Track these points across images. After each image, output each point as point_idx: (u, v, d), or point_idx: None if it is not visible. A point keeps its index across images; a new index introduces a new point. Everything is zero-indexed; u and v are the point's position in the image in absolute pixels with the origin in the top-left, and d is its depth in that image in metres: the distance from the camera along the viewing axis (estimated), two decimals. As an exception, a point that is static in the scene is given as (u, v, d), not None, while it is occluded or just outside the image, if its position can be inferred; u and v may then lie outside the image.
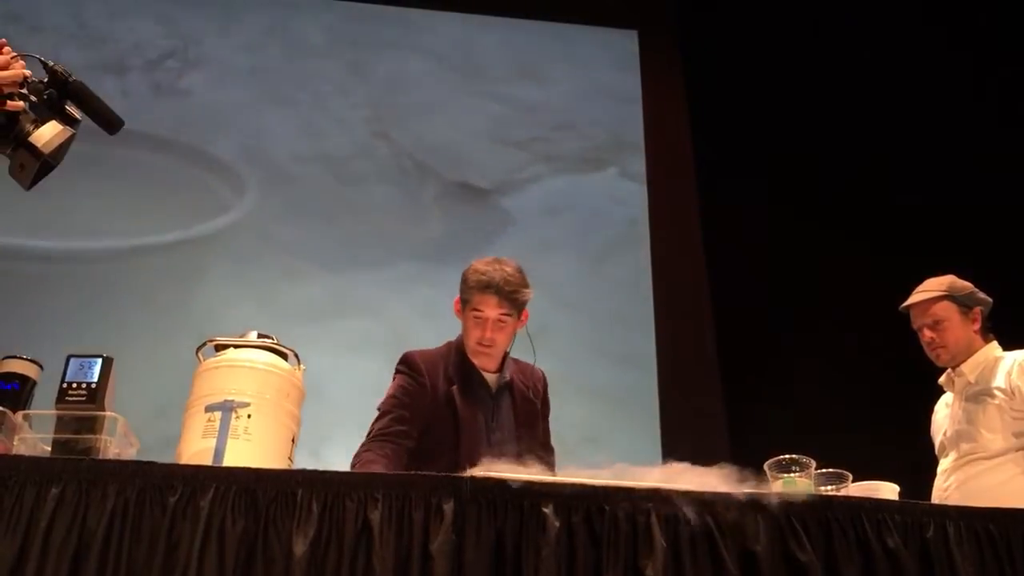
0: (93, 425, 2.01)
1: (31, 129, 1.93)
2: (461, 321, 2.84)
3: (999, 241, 5.00)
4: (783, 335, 5.09)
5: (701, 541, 1.86)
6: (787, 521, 1.90)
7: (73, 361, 2.08)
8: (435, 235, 5.40)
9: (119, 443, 2.03)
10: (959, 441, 3.08)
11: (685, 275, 5.50)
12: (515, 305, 2.74)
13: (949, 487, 3.06)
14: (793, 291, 5.18)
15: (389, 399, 2.76)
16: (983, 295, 3.19)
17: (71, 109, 2.00)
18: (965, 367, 3.13)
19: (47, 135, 1.94)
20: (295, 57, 5.85)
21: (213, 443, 2.00)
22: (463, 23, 6.13)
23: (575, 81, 6.06)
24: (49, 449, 2.01)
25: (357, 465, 2.61)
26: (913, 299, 3.21)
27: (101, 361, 2.09)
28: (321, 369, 4.38)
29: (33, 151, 1.93)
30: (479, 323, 2.74)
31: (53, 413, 2.04)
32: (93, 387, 2.05)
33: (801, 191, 5.44)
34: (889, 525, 1.93)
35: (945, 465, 3.14)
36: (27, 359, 2.19)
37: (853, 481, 2.23)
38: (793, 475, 2.16)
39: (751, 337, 5.18)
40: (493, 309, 2.72)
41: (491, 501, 1.84)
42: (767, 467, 2.21)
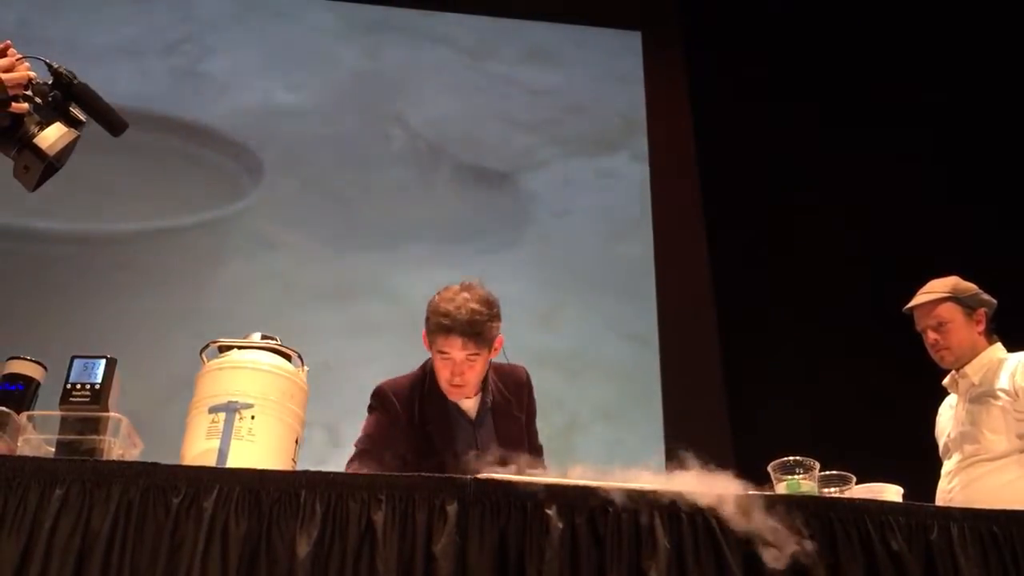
0: (97, 426, 2.01)
1: (36, 131, 1.94)
2: (432, 358, 2.66)
3: (1004, 243, 4.99)
4: (786, 336, 5.09)
5: (704, 543, 1.86)
6: (791, 523, 1.90)
7: (77, 362, 2.09)
8: (449, 216, 5.44)
9: (123, 444, 2.03)
10: (963, 443, 3.07)
11: (689, 281, 5.50)
12: (482, 342, 2.55)
13: (953, 489, 3.06)
14: (797, 289, 5.17)
15: (363, 439, 2.65)
16: (987, 296, 3.18)
17: (75, 111, 2.01)
18: (969, 369, 3.12)
19: (52, 137, 1.94)
20: (310, 41, 5.91)
21: (217, 444, 2.00)
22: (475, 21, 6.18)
23: (584, 67, 6.12)
24: (53, 450, 2.01)
25: None
26: (917, 300, 3.21)
27: (105, 362, 2.09)
28: (335, 349, 4.54)
29: (38, 153, 1.93)
30: (447, 363, 2.58)
31: (57, 414, 2.04)
32: (97, 388, 2.05)
33: (803, 191, 5.44)
34: (893, 527, 1.93)
35: (949, 467, 3.13)
36: (31, 360, 2.19)
37: (857, 483, 2.23)
38: (797, 477, 2.15)
39: (753, 338, 5.17)
40: (459, 351, 2.54)
41: (494, 503, 1.84)
42: (771, 469, 2.21)
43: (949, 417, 3.21)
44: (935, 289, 3.19)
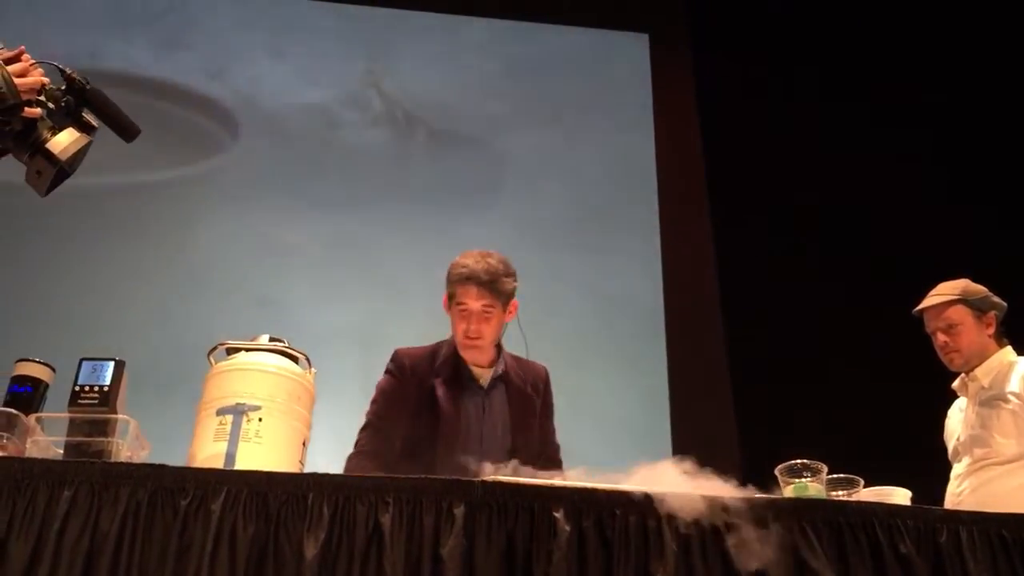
0: (105, 428, 2.02)
1: (48, 136, 1.94)
2: (451, 321, 2.82)
3: (1012, 245, 4.98)
4: (794, 339, 5.08)
5: (712, 546, 1.85)
6: (799, 526, 1.89)
7: (85, 364, 2.09)
8: (425, 179, 5.53)
9: (131, 446, 2.04)
10: (973, 446, 3.06)
11: (695, 282, 5.50)
12: (498, 295, 2.71)
13: (962, 492, 3.04)
14: (804, 288, 5.16)
15: (371, 409, 2.78)
16: (997, 299, 3.17)
17: (88, 116, 2.01)
18: (979, 371, 3.11)
19: (64, 142, 1.95)
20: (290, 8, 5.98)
21: (224, 446, 2.00)
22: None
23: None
24: (62, 452, 2.01)
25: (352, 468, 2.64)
26: (926, 303, 3.20)
27: (113, 364, 2.10)
28: (314, 306, 4.61)
29: (50, 158, 1.93)
30: (464, 316, 2.73)
31: (66, 416, 2.05)
32: (105, 390, 2.06)
33: (810, 191, 5.43)
34: (901, 530, 1.92)
35: (959, 470, 3.12)
36: (40, 362, 2.20)
37: (865, 486, 2.22)
38: (805, 480, 2.15)
39: (761, 339, 5.16)
40: (475, 300, 2.70)
41: (502, 505, 1.84)
42: (779, 472, 2.20)
43: (958, 420, 3.20)
44: (945, 291, 3.18)
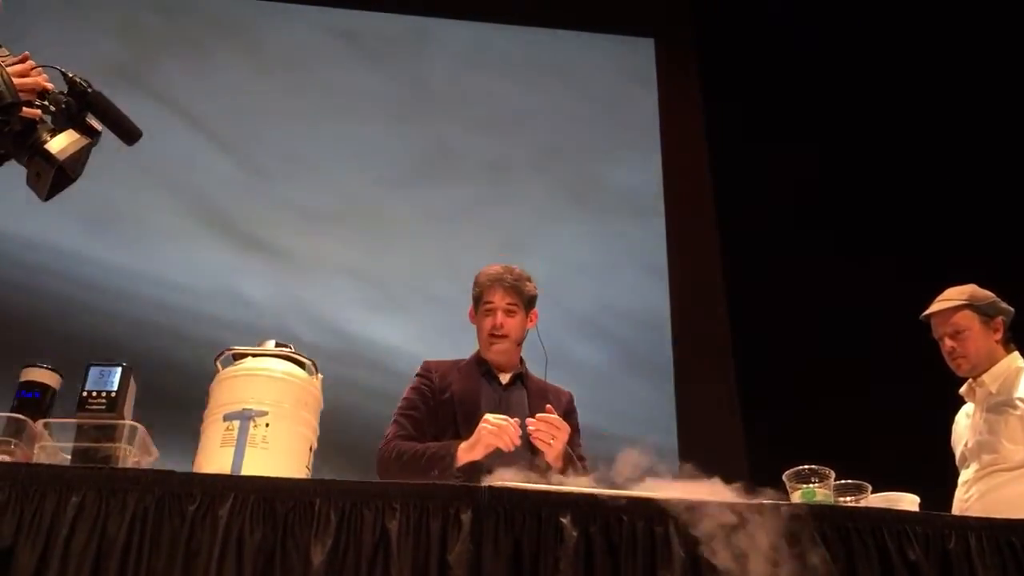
0: (113, 434, 2.02)
1: (47, 138, 1.94)
2: (476, 327, 2.97)
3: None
4: (801, 342, 5.07)
5: (720, 552, 1.84)
6: (806, 532, 1.89)
7: (93, 370, 2.10)
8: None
9: (138, 452, 2.04)
10: (980, 452, 3.05)
11: (702, 284, 5.49)
12: (521, 296, 2.92)
13: (970, 498, 3.03)
14: (811, 293, 5.15)
15: (400, 405, 2.90)
16: (1005, 304, 3.16)
17: (91, 120, 2.01)
18: (986, 377, 3.10)
19: (62, 143, 1.94)
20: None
21: (231, 452, 2.01)
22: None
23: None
24: (69, 458, 2.02)
25: (391, 455, 2.72)
26: (933, 308, 3.19)
27: (121, 370, 2.11)
28: None
29: (48, 158, 1.92)
30: (490, 313, 2.92)
31: (73, 422, 2.05)
32: (113, 396, 2.06)
33: (819, 195, 5.42)
34: (910, 536, 1.92)
35: (966, 476, 3.11)
36: (47, 368, 2.20)
37: (872, 492, 2.21)
38: (812, 486, 2.14)
39: (768, 344, 5.16)
40: (501, 298, 2.91)
41: (509, 511, 1.84)
42: (786, 477, 2.19)
43: (966, 426, 3.19)
44: (952, 297, 3.17)
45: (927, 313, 3.20)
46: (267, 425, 2.05)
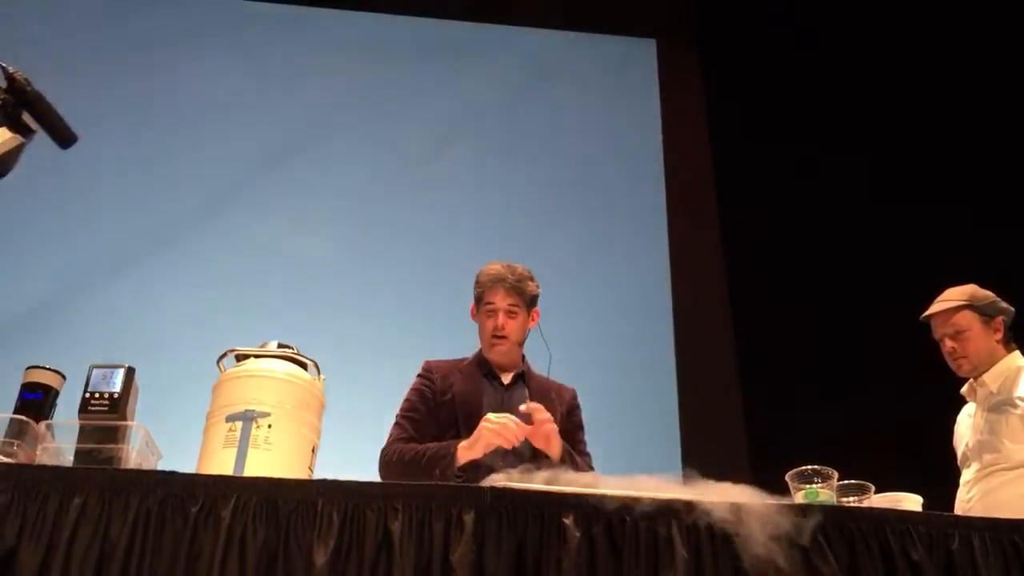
0: (115, 435, 2.02)
1: None
2: (478, 326, 2.97)
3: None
4: (803, 343, 5.07)
5: (723, 552, 1.85)
6: (809, 533, 1.89)
7: (96, 371, 2.10)
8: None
9: (141, 453, 2.04)
10: (982, 452, 3.05)
11: (704, 288, 5.49)
12: (523, 296, 2.90)
13: (972, 498, 3.03)
14: (815, 295, 5.15)
15: (401, 407, 2.90)
16: (1005, 304, 3.17)
17: (27, 119, 1.93)
18: (987, 377, 3.10)
19: None
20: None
21: (234, 453, 2.01)
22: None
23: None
24: (72, 459, 2.02)
25: (392, 457, 2.72)
26: (934, 309, 3.19)
27: (124, 371, 2.11)
28: None
29: None
30: (491, 314, 2.91)
31: (76, 423, 2.05)
32: (115, 397, 2.06)
33: (822, 197, 5.42)
34: (913, 537, 1.91)
35: (967, 476, 3.11)
36: (50, 369, 2.20)
37: (875, 492, 2.21)
38: (815, 486, 2.14)
39: (770, 345, 5.16)
40: (502, 299, 2.89)
41: (511, 511, 1.84)
42: (789, 478, 2.19)
43: (967, 426, 3.19)
44: (952, 297, 3.17)
45: (927, 314, 3.20)
46: (269, 426, 2.05)
